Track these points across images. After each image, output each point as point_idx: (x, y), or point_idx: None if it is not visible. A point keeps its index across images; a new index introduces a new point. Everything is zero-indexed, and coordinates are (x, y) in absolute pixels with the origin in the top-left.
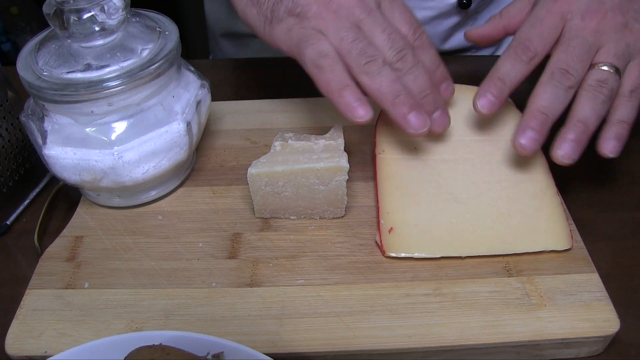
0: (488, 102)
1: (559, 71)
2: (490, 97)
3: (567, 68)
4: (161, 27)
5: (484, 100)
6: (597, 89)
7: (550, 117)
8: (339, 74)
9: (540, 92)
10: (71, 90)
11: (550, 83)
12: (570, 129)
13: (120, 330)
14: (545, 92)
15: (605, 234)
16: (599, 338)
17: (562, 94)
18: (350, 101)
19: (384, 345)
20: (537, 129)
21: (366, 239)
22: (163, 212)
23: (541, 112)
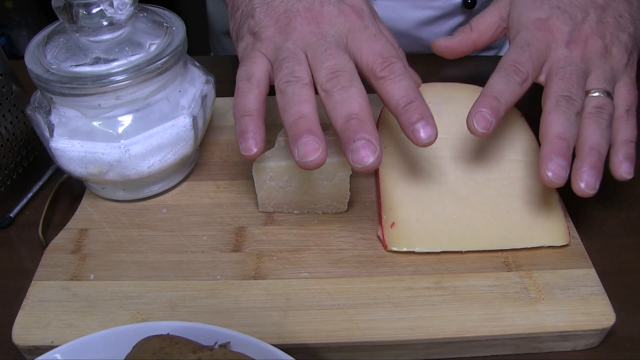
0: (484, 120)
1: (563, 98)
2: (486, 115)
3: (570, 94)
4: (168, 23)
5: (479, 117)
6: (598, 115)
7: (570, 142)
8: (246, 100)
9: (553, 119)
10: (79, 83)
11: (559, 109)
12: (586, 159)
13: (126, 321)
14: (558, 119)
15: (601, 231)
16: (596, 331)
17: (574, 119)
18: (243, 130)
19: (386, 337)
20: (562, 156)
21: (368, 234)
22: (167, 206)
23: (560, 138)
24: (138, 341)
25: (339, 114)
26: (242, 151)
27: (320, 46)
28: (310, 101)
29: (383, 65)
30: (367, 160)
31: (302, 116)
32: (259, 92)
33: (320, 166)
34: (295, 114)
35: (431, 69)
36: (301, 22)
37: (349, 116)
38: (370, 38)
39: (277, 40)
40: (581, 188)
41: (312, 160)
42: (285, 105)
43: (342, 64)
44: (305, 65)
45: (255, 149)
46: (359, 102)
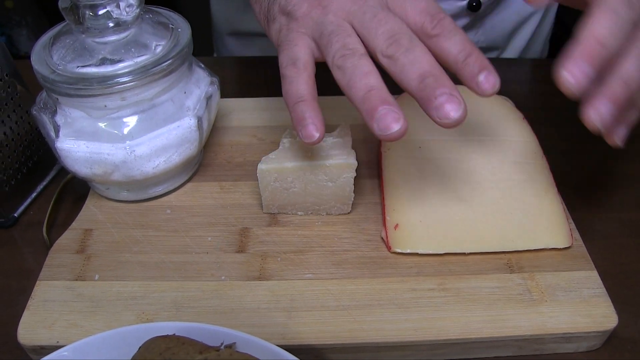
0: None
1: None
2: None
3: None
4: (174, 24)
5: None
6: None
7: (609, 52)
8: (296, 87)
9: (599, 18)
10: (85, 84)
11: (610, 9)
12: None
13: (131, 321)
14: (605, 20)
15: (603, 233)
16: (598, 333)
17: (626, 27)
18: (300, 117)
19: (390, 338)
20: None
21: (372, 235)
22: (171, 207)
23: (599, 41)
24: (145, 341)
25: (411, 76)
26: (303, 138)
27: (367, 13)
28: (374, 71)
29: (433, 23)
30: (454, 115)
31: (371, 88)
32: (308, 75)
33: (403, 136)
34: (363, 87)
35: None
36: None
37: (423, 75)
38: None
39: (315, 15)
40: (590, 117)
41: (395, 131)
42: (349, 81)
43: (396, 26)
44: (355, 36)
45: (317, 134)
46: (428, 60)
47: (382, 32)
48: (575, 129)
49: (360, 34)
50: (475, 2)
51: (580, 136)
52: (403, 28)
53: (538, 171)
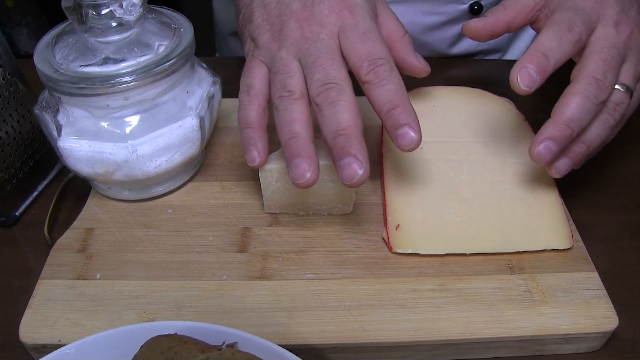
0: (528, 77)
1: (596, 82)
2: (531, 72)
3: (604, 79)
4: (176, 24)
5: (524, 73)
6: (612, 112)
7: (575, 133)
8: (246, 113)
9: (574, 102)
10: (88, 83)
11: (585, 95)
12: (572, 148)
13: (133, 320)
14: (578, 106)
15: (603, 235)
16: (598, 334)
17: (592, 110)
18: (246, 142)
19: (391, 338)
20: (558, 144)
21: (373, 236)
22: (173, 206)
23: (568, 125)
24: (146, 340)
25: (328, 131)
26: (247, 161)
27: (311, 55)
28: (301, 118)
29: (368, 69)
30: (354, 177)
31: (293, 136)
32: (258, 103)
33: (312, 185)
34: (287, 133)
35: (436, 72)
36: (293, 27)
37: (337, 132)
38: (358, 38)
39: (272, 48)
40: (552, 169)
41: (303, 182)
42: (279, 124)
43: (331, 75)
44: (297, 76)
45: (258, 159)
46: (346, 117)
47: (316, 78)
48: None
49: (305, 75)
50: (476, 6)
51: None
52: (337, 77)
53: (539, 173)
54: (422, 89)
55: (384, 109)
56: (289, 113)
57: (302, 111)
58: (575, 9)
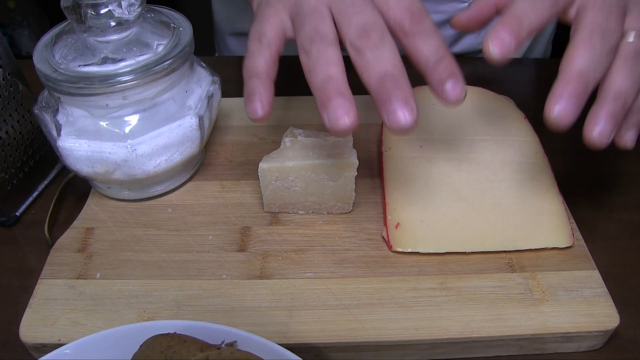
0: (500, 42)
1: (598, 30)
2: (504, 37)
3: (606, 27)
4: (175, 23)
5: (496, 40)
6: (633, 60)
7: (590, 83)
8: (254, 61)
9: (579, 52)
10: (87, 83)
11: (589, 42)
12: (607, 105)
13: (132, 320)
14: (585, 52)
15: (604, 233)
16: (599, 333)
17: (604, 57)
18: (250, 92)
19: (391, 337)
20: (576, 97)
21: (373, 234)
22: (173, 206)
23: (580, 76)
24: (146, 339)
25: (372, 74)
26: (248, 113)
27: None
28: (338, 62)
29: (413, 21)
30: (403, 122)
31: (330, 78)
32: (269, 53)
33: (352, 131)
34: (322, 75)
35: None
36: None
37: (384, 75)
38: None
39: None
40: (592, 136)
41: (343, 124)
42: (312, 67)
43: (372, 19)
44: (330, 22)
45: (261, 112)
46: (393, 60)
47: (355, 21)
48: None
49: (336, 20)
50: None
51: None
52: (378, 22)
53: (539, 171)
54: (422, 87)
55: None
56: (323, 56)
57: (338, 56)
58: None
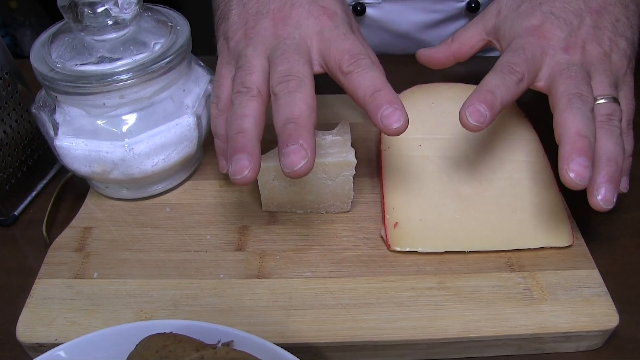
0: (477, 113)
1: (575, 96)
2: (480, 108)
3: (580, 92)
4: (173, 22)
5: (472, 110)
6: (609, 122)
7: (591, 140)
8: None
9: (569, 117)
10: (84, 82)
11: (573, 107)
12: (603, 170)
13: (129, 319)
14: (574, 116)
15: (604, 233)
16: (599, 332)
17: (590, 116)
18: (218, 151)
19: (389, 337)
20: (585, 155)
21: (371, 233)
22: (170, 205)
23: (580, 135)
24: (141, 339)
25: (279, 117)
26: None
27: (279, 49)
28: (252, 114)
29: (350, 61)
30: (295, 166)
31: (240, 131)
32: (226, 117)
33: (249, 183)
34: (235, 128)
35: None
36: (266, 25)
37: (287, 120)
38: (339, 37)
39: (241, 45)
40: (598, 202)
41: (240, 178)
42: (230, 118)
43: (295, 68)
44: (258, 74)
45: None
46: (300, 107)
47: (279, 70)
48: None
49: (270, 69)
50: (474, 3)
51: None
52: (301, 72)
53: (539, 170)
54: (421, 86)
55: (368, 92)
56: (241, 108)
57: (256, 108)
58: (514, 50)
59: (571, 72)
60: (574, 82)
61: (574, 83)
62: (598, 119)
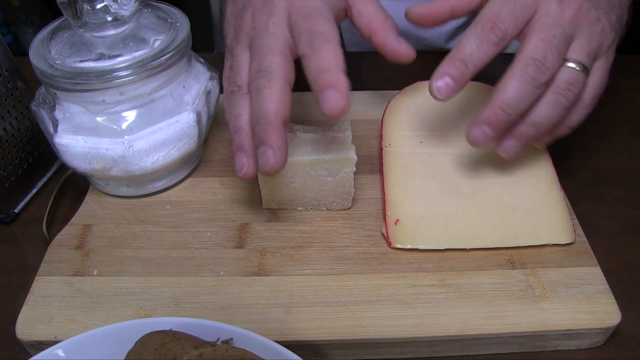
0: (446, 85)
1: (535, 64)
2: (448, 81)
3: (544, 60)
4: (172, 19)
5: (441, 83)
6: (564, 92)
7: (512, 117)
8: None
9: (510, 84)
10: (83, 79)
11: (522, 77)
12: (519, 130)
13: (129, 317)
14: (514, 87)
15: (606, 230)
16: (600, 330)
17: (532, 92)
18: None
19: (390, 334)
20: (494, 128)
21: (372, 231)
22: (171, 202)
23: (504, 110)
24: (140, 337)
25: (251, 117)
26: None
27: (257, 46)
28: (246, 113)
29: (305, 44)
30: (265, 166)
31: (236, 130)
32: None
33: (251, 179)
34: (232, 127)
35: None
36: (248, 18)
37: (257, 120)
38: (302, 17)
39: (233, 42)
40: (499, 148)
41: (240, 175)
42: (227, 117)
43: (264, 63)
44: (246, 71)
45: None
46: (267, 105)
47: (253, 66)
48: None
49: None
50: None
51: (584, 132)
52: (272, 66)
53: (541, 167)
54: (421, 83)
55: (314, 74)
56: (235, 108)
57: (249, 106)
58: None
59: (548, 34)
60: (544, 48)
61: (543, 48)
62: (554, 86)
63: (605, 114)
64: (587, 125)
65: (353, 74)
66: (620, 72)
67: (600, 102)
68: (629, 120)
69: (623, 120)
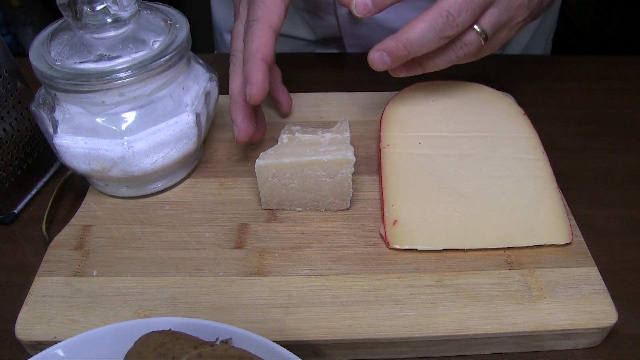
0: (381, 60)
1: (448, 16)
2: (385, 58)
3: (457, 16)
4: (172, 20)
5: (377, 55)
6: (457, 49)
7: (410, 55)
8: None
9: (418, 27)
10: (83, 80)
11: (431, 23)
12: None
13: (129, 317)
14: (421, 31)
15: (603, 230)
16: (597, 330)
17: (436, 41)
18: None
19: (388, 334)
20: (392, 58)
21: (371, 231)
22: (170, 203)
23: (406, 47)
24: (140, 337)
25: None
26: None
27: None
28: (240, 81)
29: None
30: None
31: (230, 97)
32: None
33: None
34: (230, 90)
35: None
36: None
37: (230, 97)
38: None
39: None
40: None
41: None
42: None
43: (234, 45)
44: (240, 39)
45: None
46: (233, 87)
47: (247, 19)
48: (575, 125)
49: None
50: None
51: (581, 132)
52: (236, 49)
53: (538, 167)
54: (420, 84)
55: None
56: (232, 74)
57: (240, 75)
58: None
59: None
60: (461, 4)
61: (460, 5)
62: (455, 42)
63: (602, 114)
64: (585, 125)
65: (353, 75)
66: (617, 73)
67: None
68: (626, 121)
69: (620, 121)
